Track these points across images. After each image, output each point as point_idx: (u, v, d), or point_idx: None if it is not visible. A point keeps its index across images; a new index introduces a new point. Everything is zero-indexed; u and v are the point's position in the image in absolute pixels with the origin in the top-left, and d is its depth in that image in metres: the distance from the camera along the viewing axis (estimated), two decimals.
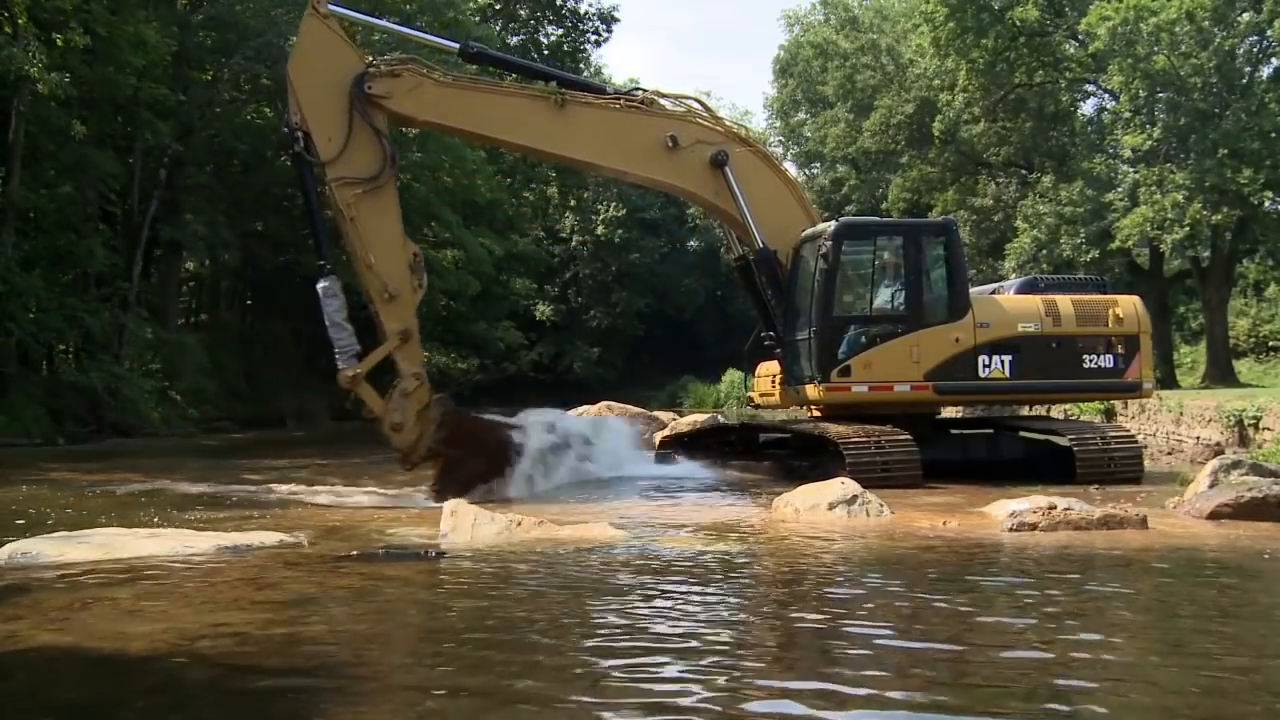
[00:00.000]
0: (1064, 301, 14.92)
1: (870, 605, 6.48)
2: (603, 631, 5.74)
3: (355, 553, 7.79)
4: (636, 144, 14.13)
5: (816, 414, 15.05)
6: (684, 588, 6.85)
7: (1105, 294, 15.52)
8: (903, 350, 14.15)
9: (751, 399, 17.17)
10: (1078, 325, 14.78)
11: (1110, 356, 14.85)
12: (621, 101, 14.35)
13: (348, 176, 12.52)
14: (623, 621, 5.89)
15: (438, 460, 12.62)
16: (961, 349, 14.28)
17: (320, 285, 12.63)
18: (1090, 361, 14.78)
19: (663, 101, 14.65)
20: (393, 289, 12.48)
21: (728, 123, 15.46)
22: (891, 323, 14.35)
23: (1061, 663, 5.04)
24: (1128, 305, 15.16)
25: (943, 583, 7.22)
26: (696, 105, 15.07)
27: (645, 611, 6.14)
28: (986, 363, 14.36)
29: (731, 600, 6.65)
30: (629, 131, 14.13)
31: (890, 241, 14.75)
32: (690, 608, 6.24)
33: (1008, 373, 14.45)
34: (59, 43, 22.10)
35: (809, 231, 14.68)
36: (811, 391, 14.24)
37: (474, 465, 12.63)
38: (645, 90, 14.77)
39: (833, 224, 14.59)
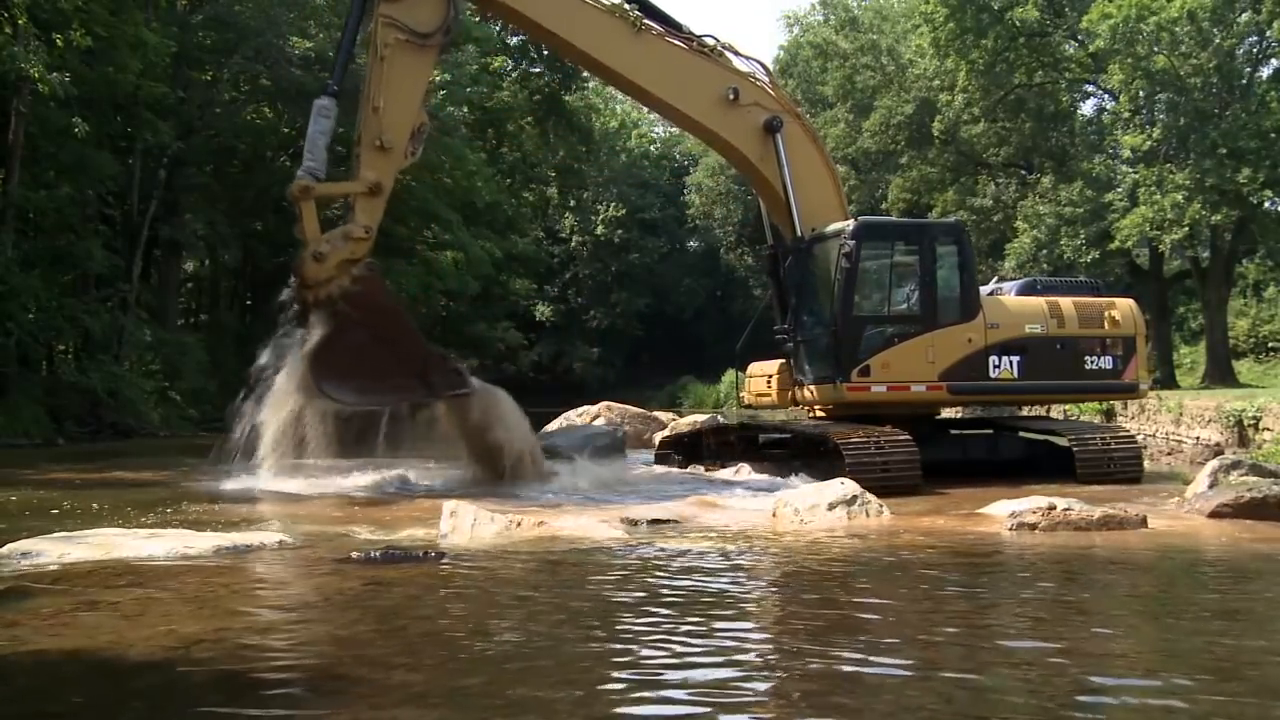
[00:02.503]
0: (1066, 303, 15.03)
1: (870, 607, 6.48)
2: (602, 634, 5.74)
3: (355, 554, 7.78)
4: (699, 88, 14.12)
5: (821, 414, 14.98)
6: (685, 591, 6.84)
7: (1100, 296, 15.61)
8: (919, 350, 14.15)
9: (743, 399, 17.03)
10: (1080, 327, 14.91)
11: (1109, 358, 14.98)
12: (694, 44, 14.31)
13: (399, 20, 12.62)
14: (622, 625, 5.89)
15: (330, 318, 12.34)
16: (974, 349, 14.34)
17: (319, 101, 12.72)
18: (1091, 363, 14.90)
19: (730, 56, 14.66)
20: (387, 140, 12.53)
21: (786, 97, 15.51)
22: (908, 323, 14.32)
23: (1062, 665, 5.03)
24: (1124, 307, 15.32)
25: (943, 585, 7.22)
26: (761, 70, 15.08)
27: (646, 614, 6.13)
28: (996, 363, 14.44)
29: (731, 603, 6.64)
30: (694, 74, 14.13)
31: (906, 242, 14.78)
32: (691, 612, 6.23)
33: (1016, 373, 14.54)
34: (59, 43, 22.09)
35: (825, 229, 14.67)
36: (829, 391, 14.14)
37: (365, 352, 12.31)
38: (718, 40, 14.71)
39: (851, 223, 14.52)
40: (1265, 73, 31.66)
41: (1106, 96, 35.88)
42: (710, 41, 14.54)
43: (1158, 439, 22.39)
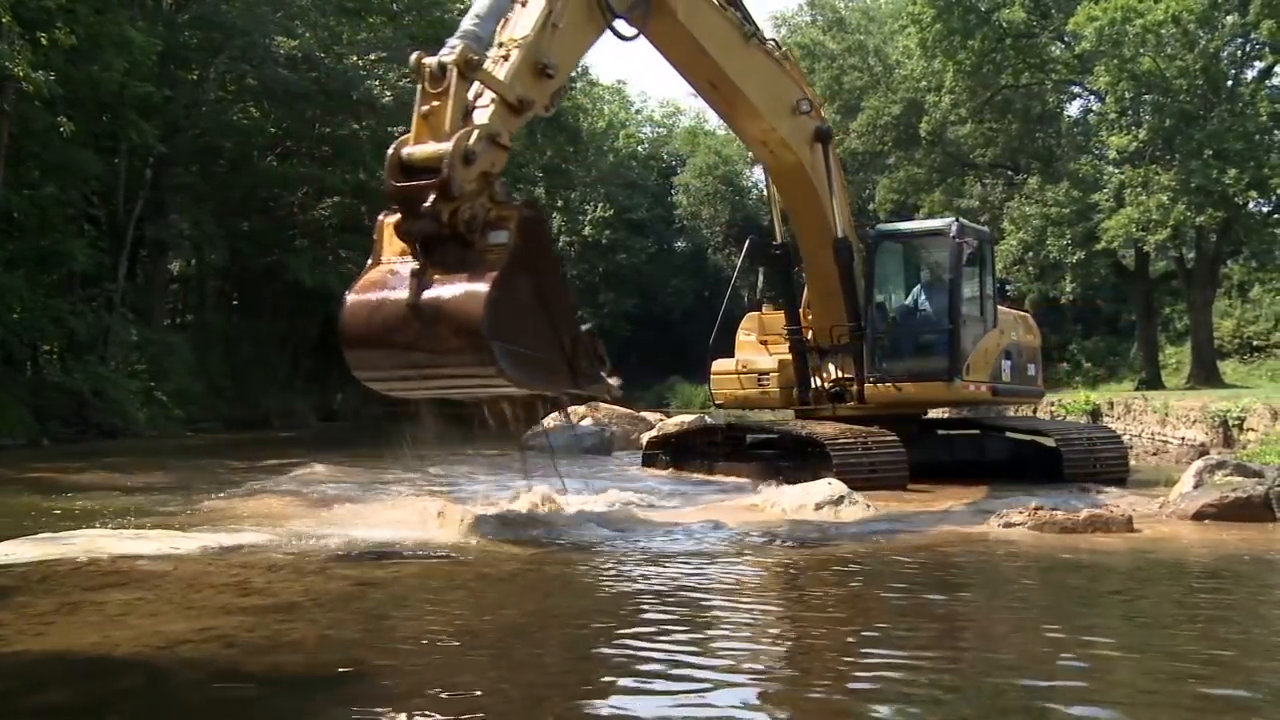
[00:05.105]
0: (1018, 313, 16.31)
1: (855, 607, 6.50)
2: (590, 632, 5.74)
3: (342, 553, 7.77)
4: (779, 98, 13.85)
5: (850, 412, 14.89)
6: (673, 590, 6.85)
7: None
8: (984, 351, 14.64)
9: (715, 398, 16.89)
10: (1025, 335, 15.85)
11: (1033, 364, 15.89)
12: (773, 52, 14.10)
13: None
14: (610, 622, 5.89)
15: (487, 251, 8.76)
16: (998, 351, 14.91)
17: None
18: (1030, 369, 15.77)
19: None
20: (552, 67, 9.90)
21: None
22: (980, 324, 14.75)
23: (1047, 666, 5.05)
24: (1031, 320, 16.77)
25: (929, 585, 7.24)
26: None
27: (633, 612, 6.13)
28: (1003, 366, 14.98)
29: (718, 602, 6.65)
30: (778, 85, 13.89)
31: (978, 245, 15.08)
32: (678, 610, 6.24)
33: (1008, 376, 15.06)
34: (44, 41, 21.98)
35: (913, 226, 15.43)
36: (941, 388, 14.36)
37: (528, 311, 8.89)
38: (778, 44, 14.47)
39: (954, 221, 14.97)
40: (1250, 74, 31.82)
41: (1093, 98, 35.99)
42: (773, 45, 14.36)
43: (1143, 439, 22.47)
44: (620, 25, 10.81)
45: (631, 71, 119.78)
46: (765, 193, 16.78)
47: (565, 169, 54.51)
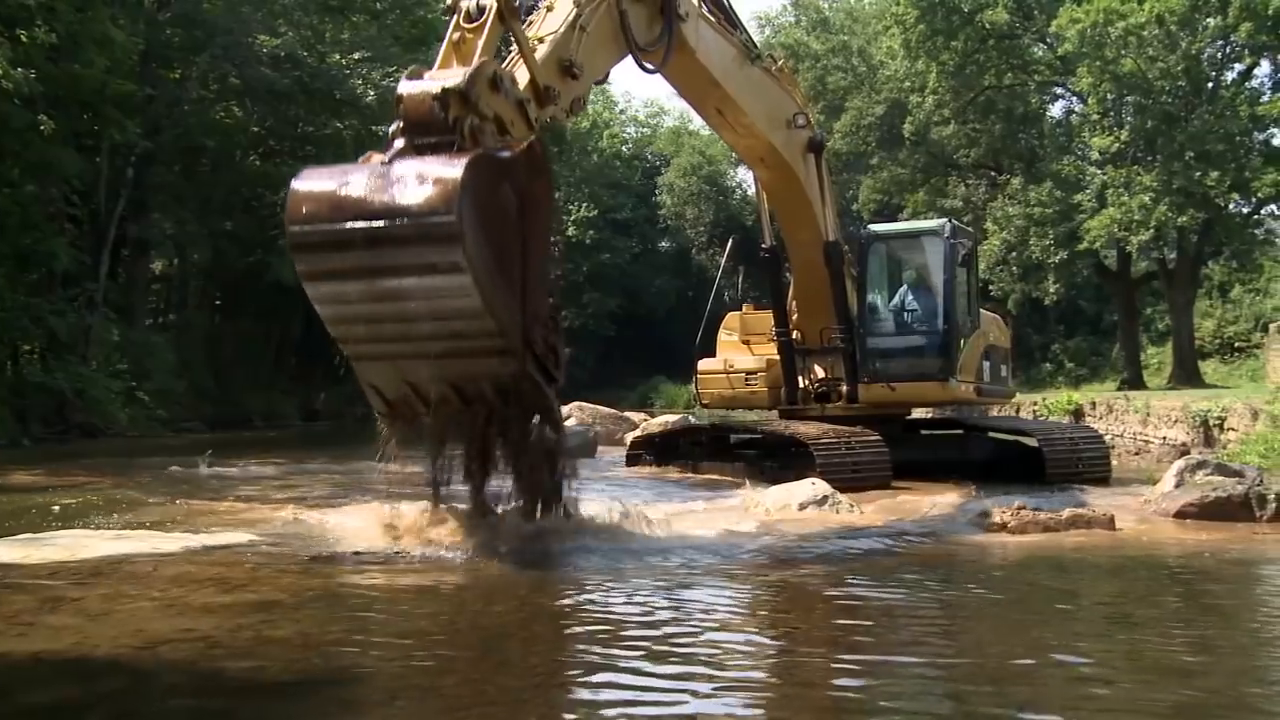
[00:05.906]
0: (993, 315, 16.41)
1: (835, 607, 6.51)
2: (571, 631, 5.74)
3: (324, 553, 7.74)
4: (775, 114, 13.89)
5: (836, 412, 14.93)
6: (654, 592, 6.85)
7: None
8: (970, 351, 14.84)
9: (701, 398, 16.92)
10: (1000, 337, 16.12)
11: (1005, 365, 16.26)
12: (770, 68, 14.09)
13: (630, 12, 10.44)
14: (592, 625, 5.89)
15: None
16: (979, 352, 15.11)
17: None
18: (1003, 370, 16.07)
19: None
20: (578, 68, 9.65)
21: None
22: (967, 325, 14.91)
23: (1028, 668, 5.07)
24: (1003, 321, 17.03)
25: (911, 585, 7.26)
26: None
27: (615, 615, 6.13)
28: (983, 367, 15.18)
29: (699, 604, 6.64)
30: (777, 102, 13.95)
31: (969, 246, 15.26)
32: (660, 612, 6.23)
33: (988, 377, 15.27)
34: (23, 39, 21.83)
35: (902, 228, 15.68)
36: (935, 389, 14.50)
37: (503, 231, 7.85)
38: (774, 59, 14.51)
39: (947, 221, 15.15)
40: (1231, 76, 32.00)
41: (1075, 99, 36.15)
42: (771, 60, 14.34)
43: (1125, 439, 22.56)
44: (642, 59, 10.82)
45: (617, 71, 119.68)
46: (753, 195, 16.82)
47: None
